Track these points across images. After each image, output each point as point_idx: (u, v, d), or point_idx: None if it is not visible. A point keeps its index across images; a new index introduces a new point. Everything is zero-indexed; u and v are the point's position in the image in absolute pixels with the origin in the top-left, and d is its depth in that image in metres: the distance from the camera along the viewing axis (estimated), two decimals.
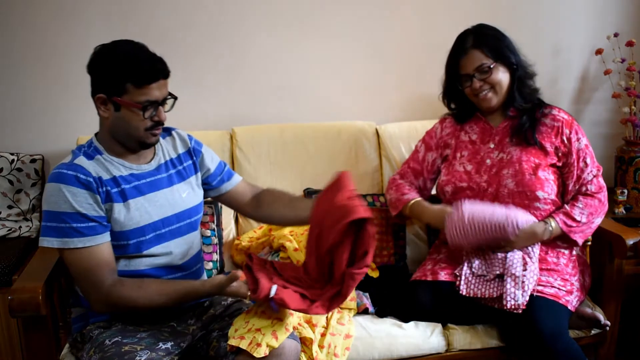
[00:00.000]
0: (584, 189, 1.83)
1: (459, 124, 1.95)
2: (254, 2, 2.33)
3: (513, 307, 1.65)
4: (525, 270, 1.70)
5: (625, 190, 2.40)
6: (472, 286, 1.74)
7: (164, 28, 2.28)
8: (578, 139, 1.83)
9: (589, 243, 1.97)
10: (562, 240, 1.84)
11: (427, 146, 2.00)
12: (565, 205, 1.82)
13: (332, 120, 2.39)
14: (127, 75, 1.41)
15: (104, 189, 1.46)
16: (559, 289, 1.71)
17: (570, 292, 1.73)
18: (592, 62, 2.63)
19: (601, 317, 1.79)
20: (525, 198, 1.79)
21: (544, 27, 2.57)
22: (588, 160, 1.84)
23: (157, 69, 1.44)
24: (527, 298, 1.65)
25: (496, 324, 1.78)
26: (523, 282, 1.67)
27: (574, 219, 1.79)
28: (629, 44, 2.50)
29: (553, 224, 1.79)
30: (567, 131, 1.83)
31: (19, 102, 2.25)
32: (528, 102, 1.84)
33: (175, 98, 1.53)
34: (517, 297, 1.65)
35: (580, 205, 1.81)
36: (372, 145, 2.32)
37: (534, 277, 1.70)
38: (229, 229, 2.15)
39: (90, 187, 1.43)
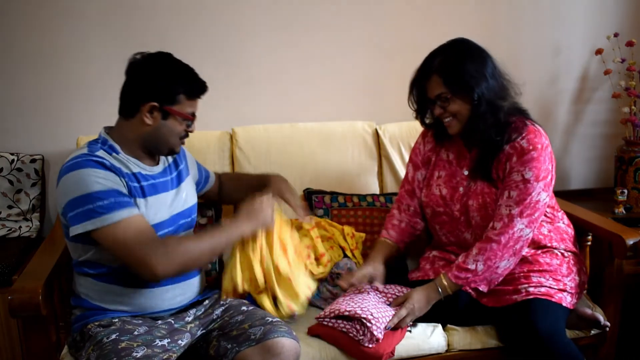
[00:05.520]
0: (490, 224, 1.71)
1: (438, 142, 1.89)
2: (254, 2, 2.33)
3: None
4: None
5: (625, 190, 2.40)
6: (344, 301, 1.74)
7: (164, 28, 2.28)
8: (519, 171, 1.67)
9: (589, 243, 1.97)
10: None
11: (415, 165, 1.95)
12: (460, 257, 1.73)
13: (332, 120, 2.39)
14: (183, 86, 1.50)
15: (126, 180, 1.49)
16: (550, 287, 1.70)
17: (562, 290, 1.72)
18: (592, 62, 2.63)
19: (601, 317, 1.79)
20: None
21: (544, 27, 2.57)
22: (513, 194, 1.67)
23: (204, 86, 1.55)
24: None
25: (495, 325, 1.78)
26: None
27: (467, 270, 1.70)
28: (629, 44, 2.50)
29: (445, 281, 1.72)
30: (514, 159, 1.68)
31: (19, 102, 2.25)
32: (490, 136, 1.69)
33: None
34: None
35: (474, 252, 1.70)
36: (372, 145, 2.32)
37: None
38: None
39: (116, 172, 1.47)
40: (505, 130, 1.71)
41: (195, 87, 1.53)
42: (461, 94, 1.67)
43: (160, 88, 1.48)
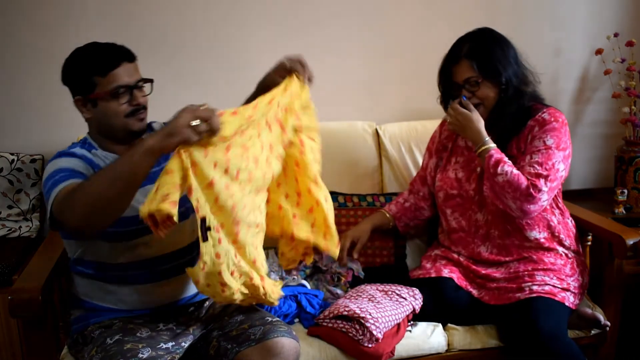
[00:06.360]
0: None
1: None
2: (253, 2, 2.33)
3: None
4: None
5: (625, 190, 2.40)
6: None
7: (163, 28, 2.28)
8: (541, 138, 1.72)
9: (589, 243, 1.97)
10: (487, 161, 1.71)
11: (429, 152, 2.01)
12: (505, 157, 1.72)
13: (332, 120, 2.39)
14: (90, 69, 1.46)
15: (95, 170, 1.48)
16: (553, 286, 1.71)
17: (566, 290, 1.73)
18: (592, 62, 2.63)
19: (601, 317, 1.79)
20: None
21: (544, 27, 2.57)
22: (538, 158, 1.69)
23: (117, 53, 1.48)
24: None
25: (496, 324, 1.78)
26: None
27: (499, 163, 1.68)
28: (629, 44, 2.50)
29: (491, 144, 1.72)
30: (536, 129, 1.74)
31: (19, 102, 2.25)
32: (513, 121, 1.76)
33: (151, 81, 1.54)
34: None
35: (514, 168, 1.69)
36: (372, 145, 2.32)
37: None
38: None
39: (88, 162, 1.48)
40: (526, 116, 1.77)
41: (102, 62, 1.45)
42: (490, 78, 1.72)
43: (74, 81, 1.49)
